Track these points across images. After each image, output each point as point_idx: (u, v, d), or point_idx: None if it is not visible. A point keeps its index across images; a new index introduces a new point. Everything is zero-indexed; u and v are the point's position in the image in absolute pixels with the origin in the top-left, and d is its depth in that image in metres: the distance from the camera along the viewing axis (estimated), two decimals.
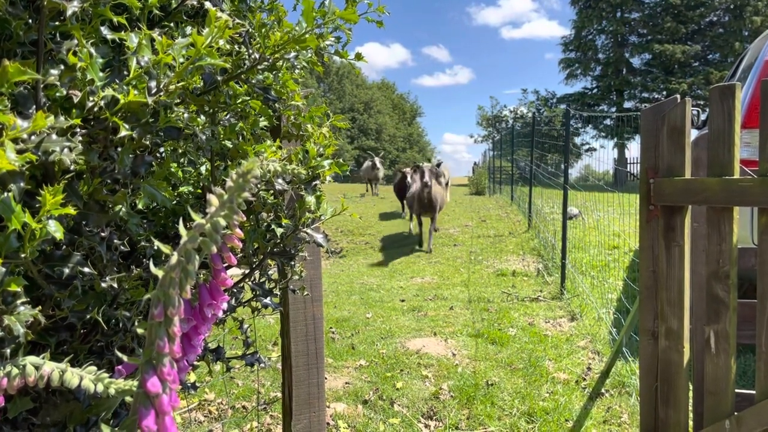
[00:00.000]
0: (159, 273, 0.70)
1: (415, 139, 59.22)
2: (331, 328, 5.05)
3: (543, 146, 13.16)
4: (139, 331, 0.75)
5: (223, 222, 0.70)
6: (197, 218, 0.71)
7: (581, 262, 7.05)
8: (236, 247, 1.16)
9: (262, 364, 1.67)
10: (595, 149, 38.19)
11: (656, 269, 2.51)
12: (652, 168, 2.51)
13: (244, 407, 3.36)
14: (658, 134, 2.48)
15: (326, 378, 3.90)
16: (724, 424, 2.27)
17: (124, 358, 0.72)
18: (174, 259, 0.69)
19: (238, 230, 1.11)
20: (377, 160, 18.84)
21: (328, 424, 3.25)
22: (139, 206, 1.09)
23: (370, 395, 3.66)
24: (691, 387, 2.52)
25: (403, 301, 6.06)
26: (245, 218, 1.30)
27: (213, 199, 0.68)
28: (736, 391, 2.34)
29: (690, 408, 2.52)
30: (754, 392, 2.25)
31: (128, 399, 0.78)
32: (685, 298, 2.45)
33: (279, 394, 3.32)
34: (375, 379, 3.93)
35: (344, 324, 5.19)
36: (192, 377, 1.68)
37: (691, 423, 2.51)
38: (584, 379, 3.87)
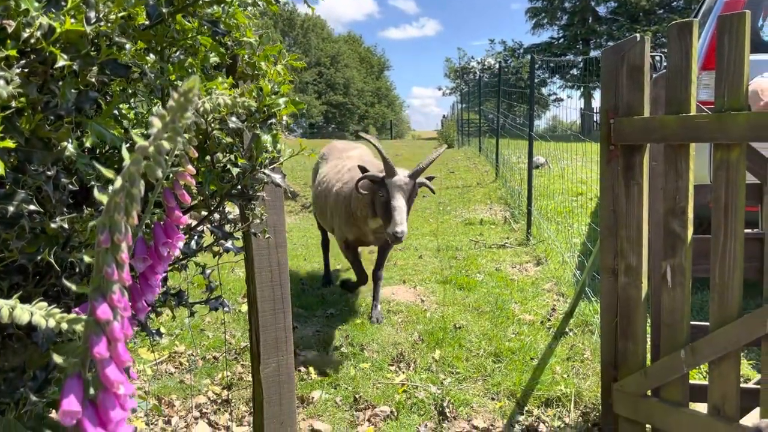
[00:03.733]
0: (103, 198, 0.69)
1: (383, 93, 58.64)
2: (301, 279, 5.07)
3: (510, 97, 13.17)
4: (86, 259, 0.74)
5: (167, 145, 0.68)
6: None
7: (547, 209, 7.16)
8: (189, 184, 1.14)
9: (226, 308, 1.67)
10: (562, 99, 38.35)
11: (616, 208, 2.56)
12: (612, 108, 2.53)
13: (214, 357, 3.38)
14: (618, 74, 2.49)
15: (297, 326, 3.94)
16: (680, 353, 2.36)
17: (72, 286, 0.71)
18: (118, 183, 0.67)
19: (189, 167, 1.09)
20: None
21: (299, 370, 3.30)
22: (87, 144, 1.06)
23: (341, 342, 3.71)
24: (649, 322, 2.61)
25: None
26: (197, 154, 1.28)
27: (155, 120, 0.67)
28: (692, 323, 2.43)
29: (648, 342, 2.62)
30: (708, 324, 2.34)
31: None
32: (644, 235, 2.51)
33: (249, 348, 3.34)
34: (345, 326, 3.98)
35: (314, 276, 5.22)
36: (157, 325, 1.67)
37: (648, 356, 2.61)
38: (549, 320, 3.98)
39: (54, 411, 1.29)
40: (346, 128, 49.68)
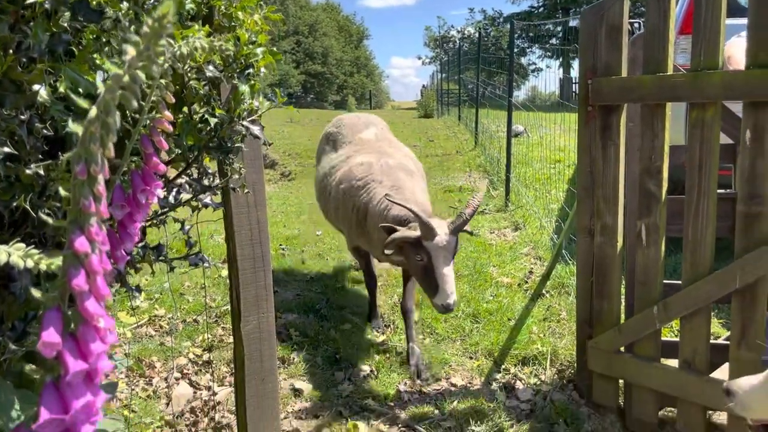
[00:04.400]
0: (78, 129, 0.68)
1: (362, 62, 57.95)
2: (281, 245, 5.07)
3: (490, 66, 13.12)
4: (62, 192, 0.74)
5: (142, 75, 0.67)
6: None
7: (525, 176, 7.21)
8: (166, 130, 1.13)
9: (206, 264, 1.67)
10: (541, 69, 38.32)
11: (593, 169, 2.59)
12: (591, 68, 2.54)
13: (195, 321, 3.39)
14: (597, 34, 2.50)
15: (277, 290, 3.95)
16: (653, 309, 2.42)
17: (49, 220, 0.71)
18: (93, 112, 0.66)
19: (167, 113, 1.08)
20: None
21: (279, 332, 3.32)
22: (61, 90, 1.04)
23: (321, 304, 3.74)
24: (624, 284, 2.66)
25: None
26: (174, 100, 1.26)
27: (129, 48, 0.66)
28: (664, 281, 2.49)
29: (623, 302, 2.68)
30: (680, 282, 2.40)
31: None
32: (620, 195, 2.55)
33: (230, 308, 3.36)
34: (325, 290, 4.01)
35: (294, 241, 5.22)
36: (136, 281, 1.66)
37: (623, 315, 2.67)
38: (526, 282, 4.04)
39: (33, 365, 1.29)
40: (325, 98, 49.18)
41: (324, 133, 3.93)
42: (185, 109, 1.39)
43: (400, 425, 2.60)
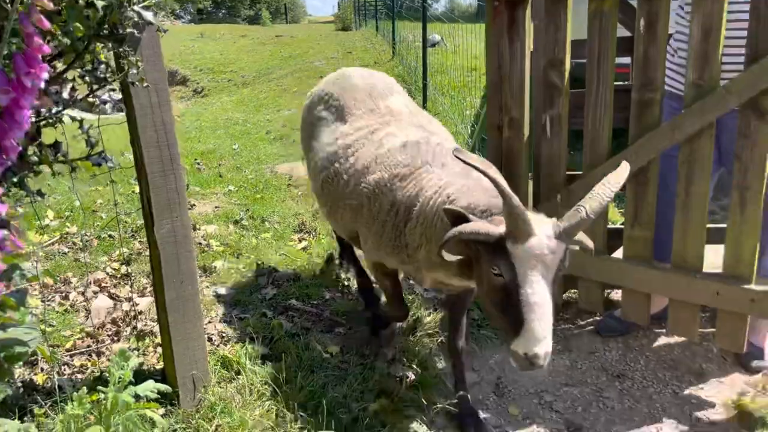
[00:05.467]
0: None
1: None
2: (196, 159, 4.95)
3: None
4: None
5: None
6: None
7: (442, 84, 7.25)
8: (45, 6, 1.08)
9: (110, 164, 1.63)
10: None
11: (501, 64, 2.64)
12: None
13: (110, 236, 3.32)
14: None
15: (195, 205, 3.90)
16: (557, 197, 2.57)
17: None
18: None
19: None
20: None
21: (200, 243, 3.31)
22: None
23: (241, 216, 3.73)
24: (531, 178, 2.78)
25: (269, 132, 6.01)
26: None
27: None
28: (568, 173, 2.63)
29: (531, 195, 2.81)
30: (581, 173, 2.55)
31: None
32: (526, 89, 2.62)
33: (142, 213, 3.30)
34: (245, 201, 3.99)
35: (210, 155, 5.11)
36: (36, 185, 1.60)
37: (531, 205, 2.81)
38: None
39: None
40: (237, 13, 46.70)
41: (316, 93, 2.69)
42: None
43: (323, 321, 2.70)
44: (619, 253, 2.60)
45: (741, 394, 2.33)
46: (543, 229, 1.59)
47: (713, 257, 2.38)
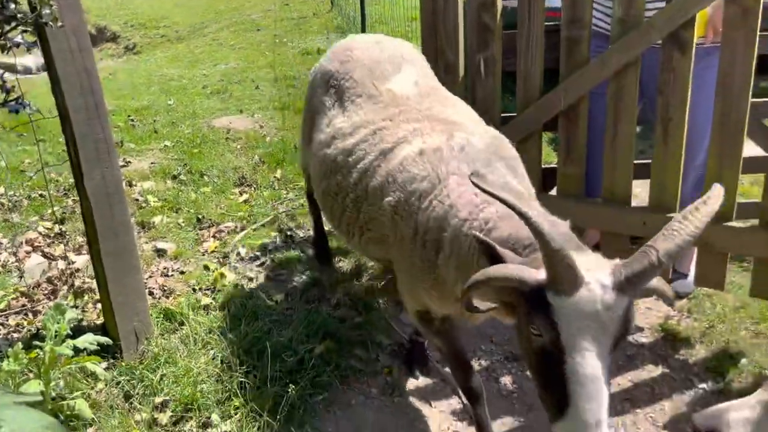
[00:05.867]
0: None
1: None
2: (129, 116, 4.78)
3: None
4: None
5: None
6: None
7: (376, 31, 7.16)
8: None
9: (28, 109, 1.57)
10: None
11: (435, 8, 2.62)
12: None
13: (41, 195, 3.20)
14: None
15: (130, 161, 3.79)
16: None
17: None
18: None
19: None
20: None
21: (136, 200, 3.24)
22: None
23: (179, 171, 3.65)
24: None
25: (205, 87, 5.84)
26: None
27: None
28: (503, 114, 2.67)
29: None
30: (515, 115, 2.59)
31: None
32: (459, 32, 2.62)
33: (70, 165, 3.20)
34: (182, 156, 3.90)
35: (144, 112, 4.94)
36: None
37: None
38: None
39: None
40: None
41: (319, 70, 2.31)
42: None
43: (267, 270, 2.70)
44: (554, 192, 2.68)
45: (667, 318, 2.47)
46: (597, 276, 1.20)
47: (644, 194, 2.48)
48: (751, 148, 2.76)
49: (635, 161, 2.42)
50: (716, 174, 2.12)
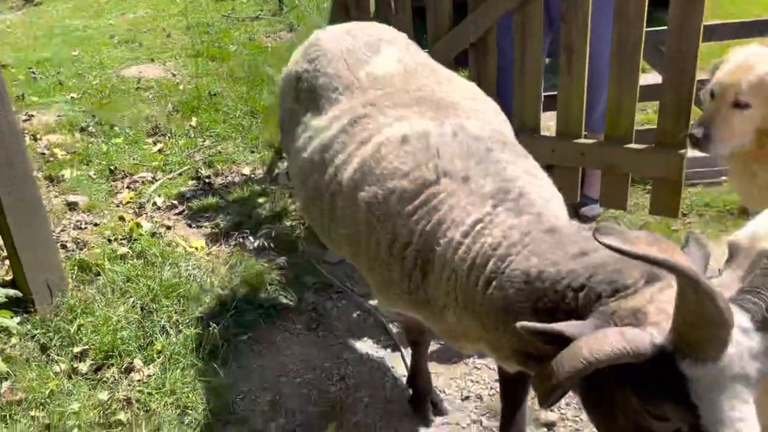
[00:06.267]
0: None
1: None
2: (30, 68, 4.50)
3: None
4: None
5: None
6: None
7: None
8: None
9: None
10: None
11: None
12: None
13: None
14: None
15: (33, 115, 3.59)
16: None
17: None
18: None
19: None
20: None
21: (42, 154, 3.09)
22: None
23: (87, 122, 3.49)
24: None
25: (113, 37, 5.54)
26: None
27: None
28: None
29: None
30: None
31: None
32: None
33: None
34: (91, 108, 3.73)
35: (47, 64, 4.66)
36: None
37: None
38: None
39: None
40: None
41: (288, 76, 1.97)
42: None
43: (184, 218, 2.66)
44: None
45: None
46: (736, 321, 0.87)
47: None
48: (654, 78, 2.90)
49: (546, 93, 2.50)
50: (616, 98, 2.22)
